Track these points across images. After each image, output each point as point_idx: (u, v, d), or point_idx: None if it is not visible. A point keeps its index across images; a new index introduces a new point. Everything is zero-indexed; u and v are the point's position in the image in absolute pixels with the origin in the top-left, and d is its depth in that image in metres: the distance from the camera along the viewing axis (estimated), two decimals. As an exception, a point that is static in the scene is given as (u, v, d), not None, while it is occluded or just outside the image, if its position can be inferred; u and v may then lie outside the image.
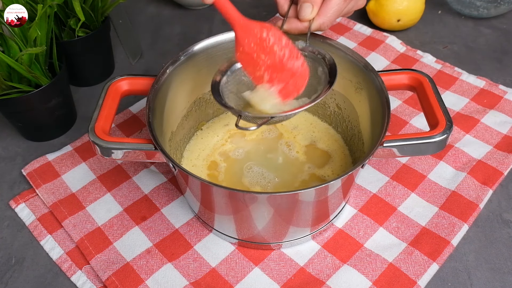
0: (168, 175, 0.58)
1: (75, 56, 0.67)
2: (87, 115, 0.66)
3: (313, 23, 0.48)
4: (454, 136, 0.61)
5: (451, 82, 0.69)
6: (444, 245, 0.50)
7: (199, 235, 0.52)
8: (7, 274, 0.50)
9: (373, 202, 0.54)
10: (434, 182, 0.56)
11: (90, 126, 0.46)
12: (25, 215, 0.55)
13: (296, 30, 0.49)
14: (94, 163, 0.60)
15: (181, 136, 0.56)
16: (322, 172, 0.55)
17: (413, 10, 0.75)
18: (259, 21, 0.45)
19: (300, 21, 0.48)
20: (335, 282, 0.48)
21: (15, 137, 0.65)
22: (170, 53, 0.77)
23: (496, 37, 0.77)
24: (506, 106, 0.64)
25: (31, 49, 0.53)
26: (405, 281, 0.47)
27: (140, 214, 0.54)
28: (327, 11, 0.48)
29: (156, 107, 0.48)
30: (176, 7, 0.88)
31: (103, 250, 0.51)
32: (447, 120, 0.45)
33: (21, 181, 0.59)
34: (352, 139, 0.56)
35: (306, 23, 0.48)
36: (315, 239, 0.51)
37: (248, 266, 0.50)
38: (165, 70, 0.50)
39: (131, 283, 0.48)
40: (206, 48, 0.53)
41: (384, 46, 0.75)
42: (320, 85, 0.46)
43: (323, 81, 0.45)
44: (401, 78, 0.51)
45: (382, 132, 0.44)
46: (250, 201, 0.43)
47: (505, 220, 0.53)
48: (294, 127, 0.60)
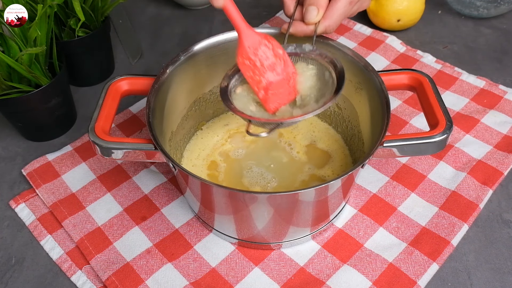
0: (168, 175, 0.58)
1: (75, 56, 0.67)
2: (87, 115, 0.66)
3: (318, 26, 0.48)
4: (454, 136, 0.61)
5: (451, 82, 0.69)
6: (444, 245, 0.50)
7: (199, 235, 0.52)
8: (7, 274, 0.50)
9: (373, 202, 0.54)
10: (434, 182, 0.56)
11: (90, 126, 0.46)
12: (25, 215, 0.55)
13: (301, 33, 0.49)
14: (94, 163, 0.60)
15: (181, 136, 0.56)
16: (322, 172, 0.55)
17: (413, 10, 0.75)
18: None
19: (306, 24, 0.49)
20: (335, 282, 0.48)
21: (15, 137, 0.65)
22: (170, 53, 0.77)
23: (496, 37, 0.77)
24: (506, 106, 0.64)
25: (31, 49, 0.53)
26: (405, 281, 0.47)
27: (140, 214, 0.54)
28: (332, 14, 0.48)
29: (156, 107, 0.48)
30: (176, 7, 0.88)
31: (103, 250, 0.51)
32: (447, 120, 0.45)
33: (21, 181, 0.59)
34: (352, 139, 0.56)
35: (312, 26, 0.48)
36: (315, 239, 0.51)
37: (248, 266, 0.50)
38: (165, 70, 0.50)
39: (131, 283, 0.48)
40: (206, 48, 0.53)
41: (384, 46, 0.75)
42: (328, 89, 0.45)
43: (331, 85, 0.45)
44: (401, 78, 0.51)
45: (382, 132, 0.44)
46: (250, 201, 0.43)
47: (505, 220, 0.53)
48: (294, 127, 0.60)
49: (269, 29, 0.53)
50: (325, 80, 0.46)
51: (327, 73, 0.46)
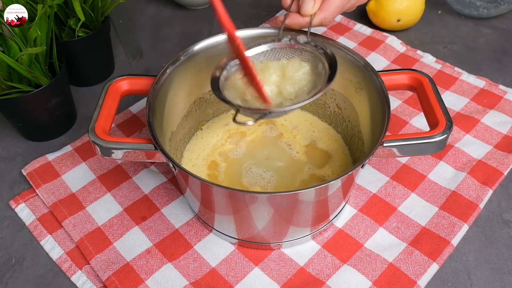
0: (168, 175, 0.58)
1: (75, 56, 0.67)
2: (87, 115, 0.66)
3: (314, 18, 0.48)
4: (454, 136, 0.61)
5: (451, 82, 0.69)
6: (444, 245, 0.50)
7: (199, 235, 0.52)
8: (7, 274, 0.50)
9: (373, 202, 0.54)
10: (434, 182, 0.56)
11: (90, 126, 0.46)
12: (25, 215, 0.55)
13: (297, 25, 0.49)
14: (94, 163, 0.60)
15: (181, 136, 0.56)
16: (322, 172, 0.55)
17: (413, 10, 0.75)
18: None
19: (302, 16, 0.48)
20: (335, 282, 0.48)
21: (15, 137, 0.65)
22: (170, 53, 0.77)
23: (496, 37, 0.77)
24: (506, 106, 0.64)
25: (31, 49, 0.53)
26: (405, 281, 0.47)
27: (140, 214, 0.54)
28: (329, 6, 0.48)
29: (156, 107, 0.48)
30: (176, 7, 0.88)
31: (103, 250, 0.51)
32: (447, 120, 0.45)
33: (21, 181, 0.59)
34: (352, 139, 0.56)
35: (308, 18, 0.48)
36: (315, 239, 0.51)
37: (248, 266, 0.50)
38: (165, 70, 0.50)
39: (131, 283, 0.48)
40: (206, 48, 0.53)
41: (384, 46, 0.75)
42: (320, 81, 0.45)
43: (323, 77, 0.45)
44: (401, 78, 0.51)
45: (382, 132, 0.44)
46: (250, 201, 0.43)
47: (505, 220, 0.53)
48: (294, 127, 0.60)
49: (269, 29, 0.53)
50: (318, 72, 0.46)
51: (320, 65, 0.46)
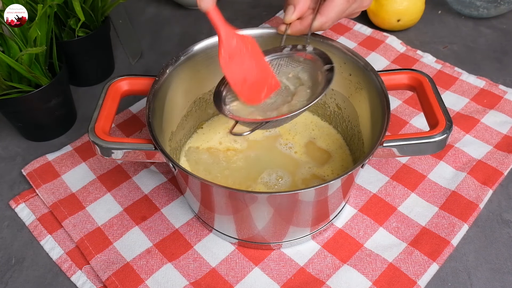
0: (168, 175, 0.58)
1: (75, 56, 0.67)
2: (87, 115, 0.66)
3: (314, 22, 0.48)
4: (454, 136, 0.61)
5: (451, 82, 0.69)
6: (444, 245, 0.50)
7: (199, 235, 0.52)
8: (7, 274, 0.50)
9: (373, 202, 0.54)
10: (434, 182, 0.56)
11: (90, 126, 0.46)
12: (25, 215, 0.55)
13: (298, 32, 0.49)
14: (94, 163, 0.60)
15: (181, 136, 0.56)
16: (322, 172, 0.55)
17: (413, 10, 0.75)
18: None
19: (300, 23, 0.49)
20: (335, 282, 0.48)
21: (15, 137, 0.65)
22: (170, 53, 0.77)
23: (496, 37, 0.77)
24: (506, 106, 0.64)
25: (31, 49, 0.53)
26: (405, 281, 0.47)
27: (140, 214, 0.54)
28: (329, 11, 0.48)
29: (156, 107, 0.48)
30: (176, 7, 0.88)
31: (103, 250, 0.51)
32: (447, 120, 0.45)
33: (21, 181, 0.59)
34: (352, 139, 0.56)
35: (307, 23, 0.49)
36: (315, 239, 0.51)
37: (248, 266, 0.50)
38: (165, 70, 0.50)
39: (131, 283, 0.48)
40: (206, 48, 0.53)
41: (384, 46, 0.75)
42: (318, 88, 0.46)
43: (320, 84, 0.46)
44: (401, 78, 0.51)
45: (382, 132, 0.44)
46: (250, 201, 0.43)
47: (505, 220, 0.53)
48: (294, 127, 0.60)
49: (269, 29, 0.53)
50: (317, 80, 0.47)
51: (320, 73, 0.47)
